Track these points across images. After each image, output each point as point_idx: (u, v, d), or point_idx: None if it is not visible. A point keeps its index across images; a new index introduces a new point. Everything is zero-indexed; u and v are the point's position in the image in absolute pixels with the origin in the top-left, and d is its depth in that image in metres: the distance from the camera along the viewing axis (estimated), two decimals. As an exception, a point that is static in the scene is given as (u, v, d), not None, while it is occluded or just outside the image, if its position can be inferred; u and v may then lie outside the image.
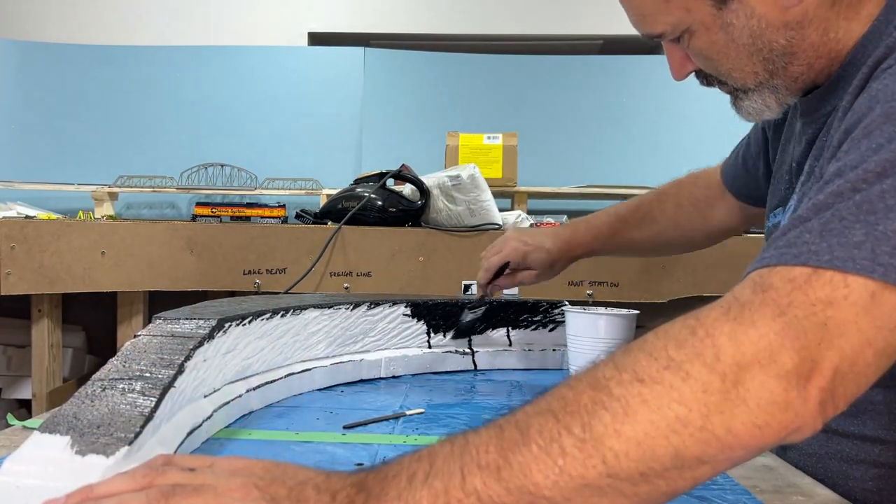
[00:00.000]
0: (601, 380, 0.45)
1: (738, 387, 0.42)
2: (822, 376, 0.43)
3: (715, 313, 0.46)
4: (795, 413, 0.43)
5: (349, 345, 1.03)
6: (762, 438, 0.43)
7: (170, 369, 0.64)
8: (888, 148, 0.50)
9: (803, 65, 0.70)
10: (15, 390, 2.48)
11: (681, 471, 0.43)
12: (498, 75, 3.23)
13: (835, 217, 0.48)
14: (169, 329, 0.73)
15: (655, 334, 0.47)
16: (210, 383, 0.75)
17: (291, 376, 0.93)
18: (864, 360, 0.44)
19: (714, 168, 1.11)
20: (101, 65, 3.16)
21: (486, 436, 0.45)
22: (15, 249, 1.89)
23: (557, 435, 0.43)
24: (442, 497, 0.42)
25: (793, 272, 0.46)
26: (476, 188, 1.97)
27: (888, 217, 0.47)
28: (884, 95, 0.55)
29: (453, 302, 1.14)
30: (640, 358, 0.45)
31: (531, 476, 0.42)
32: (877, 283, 0.44)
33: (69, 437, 0.52)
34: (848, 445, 0.73)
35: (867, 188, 0.49)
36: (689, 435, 0.42)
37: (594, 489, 0.42)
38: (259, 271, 1.96)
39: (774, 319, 0.44)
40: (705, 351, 0.43)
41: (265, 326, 0.87)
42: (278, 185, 2.75)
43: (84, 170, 2.95)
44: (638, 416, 0.42)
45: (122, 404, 0.58)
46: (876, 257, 0.45)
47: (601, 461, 0.42)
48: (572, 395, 0.45)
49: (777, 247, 0.49)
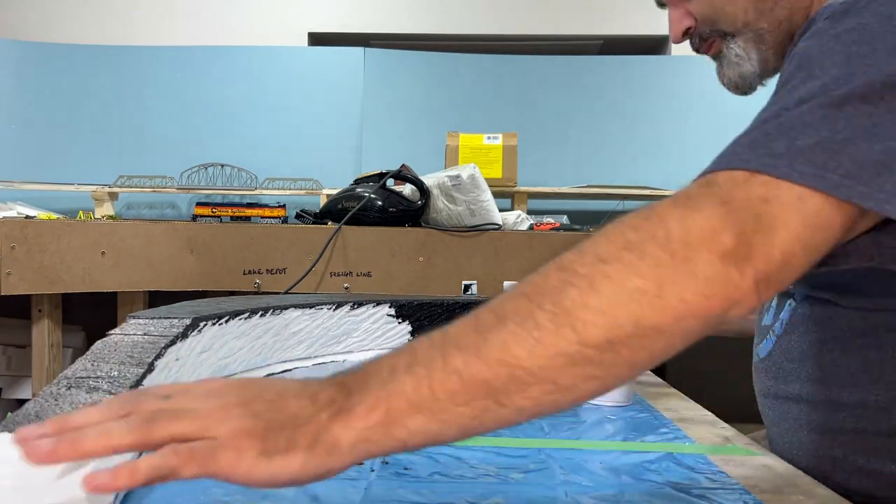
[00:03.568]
0: (567, 263, 0.49)
1: (687, 262, 0.47)
2: (757, 259, 0.48)
3: (665, 202, 0.51)
4: (735, 286, 0.47)
5: (332, 345, 1.03)
6: (709, 308, 0.47)
7: (139, 368, 0.63)
8: (801, 88, 0.58)
9: (786, 9, 0.78)
10: (15, 390, 2.49)
11: (641, 339, 0.46)
12: (498, 75, 3.23)
13: (761, 134, 0.55)
14: (142, 328, 0.72)
15: (612, 223, 0.51)
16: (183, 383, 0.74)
17: (271, 377, 0.92)
18: (793, 252, 0.50)
19: None
20: (101, 65, 3.16)
21: (463, 325, 0.48)
22: (15, 249, 1.89)
23: (531, 312, 0.47)
24: (425, 380, 0.45)
25: (735, 174, 0.52)
26: (476, 188, 1.97)
27: (804, 132, 0.54)
28: (797, 53, 0.63)
29: (438, 302, 1.13)
30: (601, 241, 0.49)
31: (510, 349, 0.46)
32: (803, 188, 0.51)
33: None
34: (816, 414, 0.77)
35: (787, 112, 0.56)
36: (647, 303, 0.46)
37: (566, 357, 0.46)
38: (259, 271, 1.96)
39: (717, 207, 0.49)
40: (658, 232, 0.48)
41: (243, 326, 0.87)
42: (278, 185, 2.75)
43: (84, 170, 2.96)
44: (602, 289, 0.46)
45: (87, 403, 0.56)
46: (794, 165, 0.52)
47: (571, 330, 0.46)
48: (541, 279, 0.49)
49: (714, 161, 0.55)
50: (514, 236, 1.96)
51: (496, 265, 1.93)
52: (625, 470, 0.68)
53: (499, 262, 1.94)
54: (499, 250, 1.95)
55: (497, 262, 1.94)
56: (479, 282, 1.30)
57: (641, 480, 0.66)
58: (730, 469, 0.70)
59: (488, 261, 1.94)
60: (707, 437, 0.82)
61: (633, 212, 0.52)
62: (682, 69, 3.12)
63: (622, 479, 0.66)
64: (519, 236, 1.97)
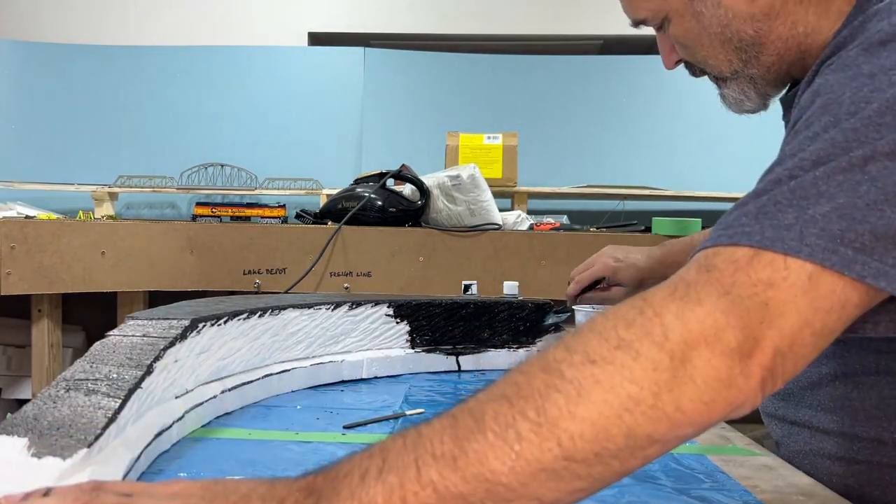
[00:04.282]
0: (553, 363, 0.45)
1: (686, 364, 0.43)
2: (764, 354, 0.44)
3: (662, 293, 0.47)
4: (739, 390, 0.43)
5: (330, 345, 1.03)
6: (709, 415, 0.43)
7: (138, 370, 0.62)
8: (822, 137, 0.52)
9: (773, 55, 0.73)
10: (15, 390, 2.48)
11: (633, 450, 0.43)
12: (498, 75, 3.23)
13: (770, 201, 0.50)
14: (140, 329, 0.72)
15: (604, 316, 0.47)
16: (182, 384, 0.74)
17: (270, 377, 0.92)
18: (803, 340, 0.45)
19: None
20: (101, 65, 3.17)
21: (439, 426, 0.44)
22: (15, 249, 1.89)
23: (512, 420, 0.43)
24: (397, 491, 0.41)
25: (736, 253, 0.47)
26: (476, 188, 1.97)
27: (818, 202, 0.48)
28: (823, 88, 0.57)
29: (436, 302, 1.13)
30: (591, 339, 0.45)
31: (488, 463, 0.42)
32: (814, 266, 0.46)
33: (27, 438, 0.50)
34: (830, 443, 0.74)
35: (802, 175, 0.50)
36: (641, 413, 0.42)
37: (550, 473, 0.42)
38: (259, 271, 1.95)
39: (720, 298, 0.45)
40: (654, 329, 0.44)
41: (242, 327, 0.87)
42: (278, 185, 2.75)
43: (84, 170, 2.95)
44: (592, 396, 0.42)
45: (86, 406, 0.56)
46: (804, 238, 0.46)
47: (557, 444, 0.42)
48: (525, 380, 0.45)
49: (716, 229, 0.51)
50: (514, 236, 1.96)
51: (496, 265, 1.93)
52: (625, 470, 0.68)
53: (499, 262, 1.94)
54: (499, 250, 1.95)
55: (497, 262, 1.94)
56: (479, 282, 1.29)
57: (641, 481, 0.66)
58: (730, 469, 0.70)
59: (488, 261, 1.94)
60: (707, 437, 0.82)
61: (625, 301, 0.47)
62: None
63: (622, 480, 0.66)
64: (519, 236, 1.97)
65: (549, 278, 1.92)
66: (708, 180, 2.89)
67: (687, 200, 2.80)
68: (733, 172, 2.53)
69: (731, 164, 2.88)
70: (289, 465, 0.68)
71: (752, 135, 2.25)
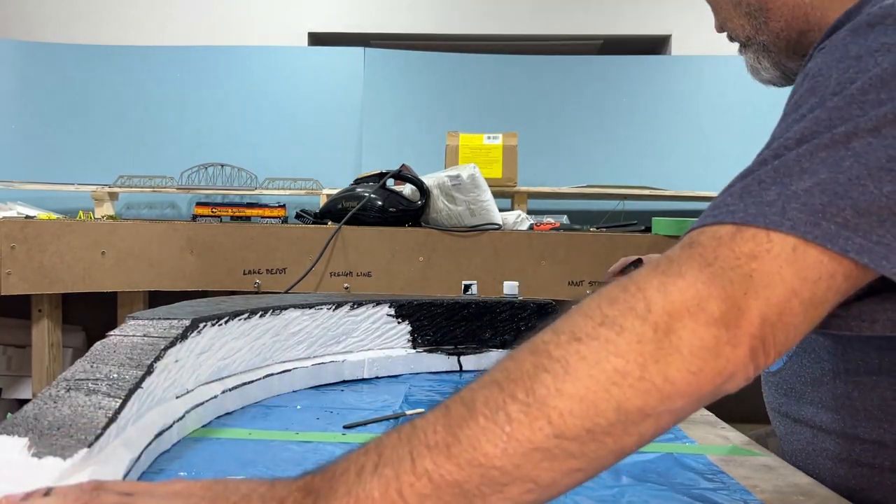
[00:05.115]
0: (541, 344, 0.45)
1: (671, 335, 0.43)
2: (751, 324, 0.44)
3: (645, 270, 0.47)
4: (727, 359, 0.43)
5: (331, 345, 1.03)
6: (698, 385, 0.43)
7: (138, 370, 0.62)
8: (808, 117, 0.52)
9: (780, 21, 0.74)
10: (15, 390, 2.48)
11: (625, 425, 0.43)
12: (498, 75, 3.23)
13: (754, 181, 0.50)
14: (141, 329, 0.72)
15: (590, 297, 0.47)
16: (182, 384, 0.74)
17: (271, 377, 0.92)
18: (792, 310, 0.45)
19: None
20: (101, 65, 3.17)
21: (432, 417, 0.44)
22: (15, 249, 1.89)
23: (503, 403, 0.43)
24: (393, 483, 0.42)
25: (719, 231, 0.48)
26: (476, 188, 1.97)
27: (801, 178, 0.48)
28: (812, 71, 0.57)
29: (437, 302, 1.13)
30: (576, 318, 0.45)
31: (480, 447, 0.42)
32: (797, 239, 0.46)
33: (27, 438, 0.50)
34: (831, 443, 0.74)
35: (786, 153, 0.51)
36: (629, 386, 0.42)
37: (543, 452, 0.42)
38: (259, 271, 1.96)
39: (701, 270, 0.45)
40: (637, 304, 0.44)
41: (243, 327, 0.87)
42: (278, 185, 2.75)
43: (84, 170, 2.96)
44: (578, 373, 0.43)
45: (86, 405, 0.56)
46: (785, 212, 0.47)
47: (547, 422, 0.42)
48: (514, 364, 0.45)
49: (705, 212, 0.51)
50: (514, 236, 1.97)
51: (496, 265, 1.93)
52: (625, 470, 0.68)
53: (499, 262, 1.94)
54: (499, 250, 1.95)
55: (497, 262, 1.94)
56: (479, 282, 1.29)
57: (641, 481, 0.66)
58: (730, 469, 0.70)
59: (488, 261, 1.94)
60: (707, 438, 0.82)
61: (613, 282, 0.48)
62: (682, 69, 3.12)
63: (622, 480, 0.66)
64: (519, 236, 1.97)
65: (549, 278, 1.92)
66: (708, 180, 2.89)
67: (687, 200, 2.80)
68: (733, 172, 2.53)
69: (731, 164, 2.87)
70: (289, 465, 0.68)
71: (752, 135, 2.25)
